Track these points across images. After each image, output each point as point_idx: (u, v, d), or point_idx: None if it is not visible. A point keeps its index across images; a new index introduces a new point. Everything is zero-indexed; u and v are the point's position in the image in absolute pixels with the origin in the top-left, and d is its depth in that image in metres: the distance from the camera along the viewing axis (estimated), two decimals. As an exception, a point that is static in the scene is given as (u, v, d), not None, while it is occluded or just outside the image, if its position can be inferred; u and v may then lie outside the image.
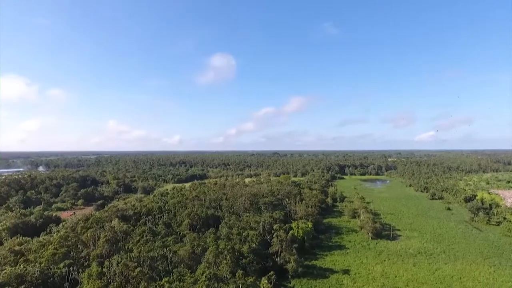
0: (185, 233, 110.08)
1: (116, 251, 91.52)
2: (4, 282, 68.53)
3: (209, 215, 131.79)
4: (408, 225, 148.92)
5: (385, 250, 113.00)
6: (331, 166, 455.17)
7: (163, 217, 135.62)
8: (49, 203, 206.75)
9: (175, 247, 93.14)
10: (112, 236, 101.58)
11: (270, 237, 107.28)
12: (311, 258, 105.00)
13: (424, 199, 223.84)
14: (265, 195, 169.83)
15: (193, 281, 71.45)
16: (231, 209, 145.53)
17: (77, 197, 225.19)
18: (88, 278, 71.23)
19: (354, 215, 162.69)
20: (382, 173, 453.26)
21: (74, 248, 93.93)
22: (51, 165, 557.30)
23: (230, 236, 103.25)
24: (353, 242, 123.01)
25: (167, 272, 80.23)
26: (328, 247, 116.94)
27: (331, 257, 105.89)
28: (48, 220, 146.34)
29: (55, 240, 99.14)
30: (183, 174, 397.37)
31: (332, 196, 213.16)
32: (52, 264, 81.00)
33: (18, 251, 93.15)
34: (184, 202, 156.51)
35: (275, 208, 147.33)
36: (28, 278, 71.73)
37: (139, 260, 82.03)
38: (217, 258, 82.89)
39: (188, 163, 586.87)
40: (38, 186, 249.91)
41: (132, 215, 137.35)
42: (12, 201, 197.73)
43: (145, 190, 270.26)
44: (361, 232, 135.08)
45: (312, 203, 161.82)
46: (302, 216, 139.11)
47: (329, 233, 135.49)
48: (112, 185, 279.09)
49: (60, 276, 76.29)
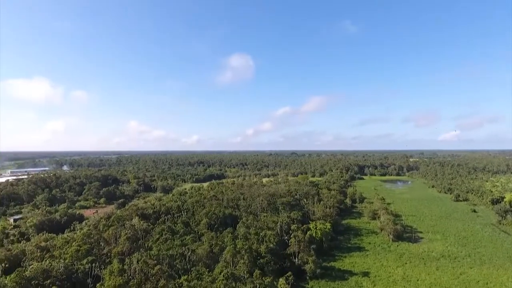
0: (203, 232, 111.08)
1: (136, 249, 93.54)
2: (32, 276, 71.34)
3: (227, 214, 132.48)
4: (430, 227, 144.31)
5: (407, 252, 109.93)
6: (350, 166, 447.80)
7: (181, 216, 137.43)
8: (73, 201, 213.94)
9: (194, 246, 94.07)
10: (133, 234, 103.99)
11: (287, 237, 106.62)
12: (329, 259, 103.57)
13: (447, 201, 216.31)
14: (282, 195, 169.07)
15: (211, 280, 71.89)
16: (249, 208, 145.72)
17: (99, 195, 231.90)
18: (109, 274, 72.97)
19: (374, 216, 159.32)
20: (403, 174, 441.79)
21: (96, 245, 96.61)
22: (74, 165, 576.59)
23: (248, 235, 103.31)
24: (373, 244, 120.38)
25: (185, 270, 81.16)
26: (347, 249, 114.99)
27: (350, 259, 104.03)
28: (72, 218, 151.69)
29: (79, 237, 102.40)
30: (201, 173, 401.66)
31: (351, 196, 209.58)
32: (75, 260, 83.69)
33: (44, 247, 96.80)
34: (202, 201, 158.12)
35: (293, 208, 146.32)
36: (54, 274, 74.36)
37: (158, 258, 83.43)
38: (234, 258, 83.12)
39: (206, 163, 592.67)
40: (63, 185, 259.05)
41: (152, 214, 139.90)
42: (39, 199, 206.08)
43: (164, 189, 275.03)
44: (381, 234, 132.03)
45: (330, 203, 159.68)
46: (320, 216, 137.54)
47: (348, 235, 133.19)
48: (133, 184, 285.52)
49: (83, 272, 78.75)
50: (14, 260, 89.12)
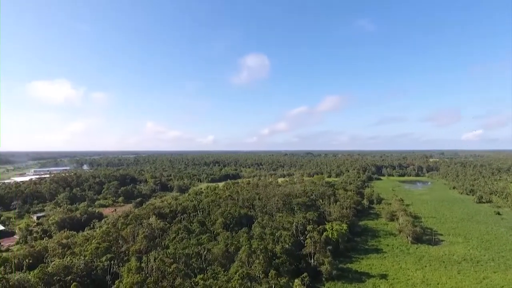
0: (219, 232, 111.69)
1: (153, 247, 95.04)
2: (54, 272, 73.77)
3: (242, 214, 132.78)
4: (451, 229, 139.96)
5: (426, 255, 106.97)
6: (367, 167, 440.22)
7: (197, 215, 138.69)
8: (92, 199, 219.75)
9: (209, 245, 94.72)
10: (150, 232, 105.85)
11: (303, 238, 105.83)
12: (346, 261, 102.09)
13: (470, 203, 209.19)
14: (298, 195, 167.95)
15: (227, 280, 72.16)
16: (264, 209, 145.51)
17: (117, 194, 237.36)
18: (127, 272, 74.51)
19: (392, 217, 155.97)
20: (423, 174, 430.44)
21: (115, 243, 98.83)
22: (94, 164, 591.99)
23: (263, 236, 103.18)
24: (391, 246, 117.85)
25: (201, 269, 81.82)
26: (364, 250, 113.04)
27: (368, 261, 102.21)
28: (91, 216, 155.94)
29: (98, 235, 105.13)
30: (217, 173, 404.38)
31: (368, 197, 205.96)
32: (95, 257, 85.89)
33: (65, 244, 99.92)
34: (218, 201, 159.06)
35: (309, 209, 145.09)
36: (74, 270, 76.59)
37: (175, 256, 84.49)
38: (250, 258, 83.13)
39: (222, 163, 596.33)
40: (83, 184, 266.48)
41: (168, 213, 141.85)
42: (60, 198, 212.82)
43: (180, 188, 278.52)
44: (399, 235, 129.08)
45: (347, 204, 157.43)
46: (336, 217, 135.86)
47: (365, 236, 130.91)
48: (150, 184, 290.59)
49: (102, 269, 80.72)
50: (37, 256, 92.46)
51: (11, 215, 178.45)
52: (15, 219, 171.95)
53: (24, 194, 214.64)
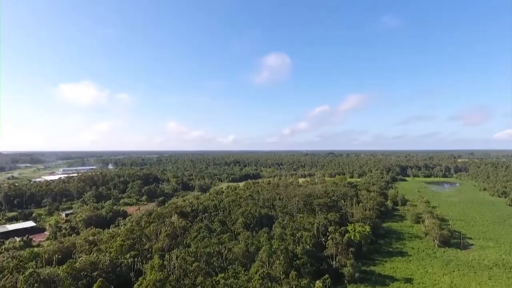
0: (239, 231, 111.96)
1: (176, 246, 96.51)
2: (81, 268, 76.58)
3: (263, 214, 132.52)
4: (482, 233, 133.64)
5: (454, 259, 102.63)
6: (391, 167, 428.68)
7: (218, 214, 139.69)
8: (117, 198, 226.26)
9: (230, 245, 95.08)
10: (172, 231, 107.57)
11: (324, 239, 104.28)
12: (369, 263, 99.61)
13: (501, 205, 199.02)
14: (319, 196, 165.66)
15: (247, 279, 72.11)
16: (285, 209, 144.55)
17: (141, 193, 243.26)
18: (151, 269, 75.96)
19: (417, 220, 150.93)
20: (451, 175, 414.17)
21: (138, 241, 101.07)
22: (119, 164, 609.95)
23: (284, 236, 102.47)
24: (416, 249, 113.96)
25: (222, 268, 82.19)
26: (388, 253, 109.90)
27: (392, 264, 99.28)
28: (116, 214, 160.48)
29: (122, 232, 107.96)
30: (237, 173, 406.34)
31: (392, 199, 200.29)
32: (120, 254, 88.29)
33: (92, 241, 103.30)
34: (238, 201, 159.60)
35: (330, 209, 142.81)
36: (100, 266, 79.09)
37: (196, 255, 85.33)
38: (270, 258, 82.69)
39: (242, 163, 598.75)
40: (108, 183, 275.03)
41: (190, 212, 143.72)
42: (87, 196, 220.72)
43: (201, 188, 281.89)
44: (425, 238, 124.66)
45: (370, 205, 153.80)
46: (359, 219, 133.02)
47: (389, 238, 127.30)
48: (172, 183, 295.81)
49: (127, 266, 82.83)
50: (65, 252, 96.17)
51: (41, 212, 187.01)
52: (46, 216, 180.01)
53: (53, 192, 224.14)
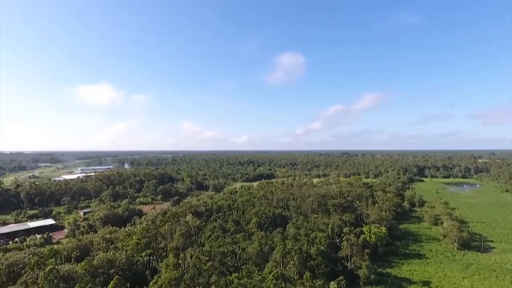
0: (253, 231, 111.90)
1: (190, 245, 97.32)
2: (98, 265, 78.22)
3: (277, 214, 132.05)
4: (504, 236, 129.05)
5: (475, 263, 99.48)
6: (408, 167, 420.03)
7: (232, 214, 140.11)
8: (133, 197, 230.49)
9: (244, 244, 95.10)
10: (187, 230, 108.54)
11: (339, 240, 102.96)
12: (385, 265, 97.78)
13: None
14: (334, 196, 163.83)
15: (261, 279, 71.89)
16: (299, 209, 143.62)
17: (156, 192, 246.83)
18: (165, 267, 76.77)
19: (435, 221, 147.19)
20: (470, 176, 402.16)
21: (154, 239, 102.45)
22: (135, 163, 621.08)
23: (298, 236, 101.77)
24: (434, 251, 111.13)
25: (236, 268, 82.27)
26: (404, 255, 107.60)
27: (408, 266, 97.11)
28: (132, 213, 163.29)
29: (138, 231, 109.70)
30: (251, 173, 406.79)
31: (409, 200, 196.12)
32: (135, 252, 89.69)
33: (109, 239, 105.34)
34: (252, 200, 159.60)
35: (345, 210, 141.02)
36: (117, 264, 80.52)
37: (210, 254, 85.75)
38: (284, 258, 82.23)
39: (256, 163, 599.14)
40: (125, 182, 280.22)
41: (204, 211, 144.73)
42: (104, 195, 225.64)
43: (215, 188, 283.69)
44: (444, 241, 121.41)
45: (386, 206, 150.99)
46: (374, 220, 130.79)
47: (406, 240, 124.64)
48: (186, 183, 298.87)
49: (142, 264, 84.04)
50: (83, 249, 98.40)
51: (61, 210, 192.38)
52: (65, 214, 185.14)
53: (72, 191, 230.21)
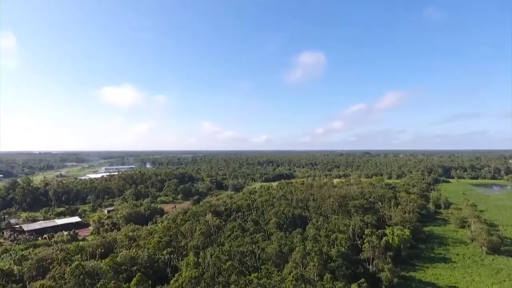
0: (272, 232, 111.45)
1: (210, 244, 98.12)
2: (122, 262, 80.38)
3: (296, 215, 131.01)
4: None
5: (505, 268, 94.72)
6: (433, 168, 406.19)
7: (251, 214, 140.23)
8: (155, 196, 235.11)
9: (263, 244, 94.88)
10: (206, 229, 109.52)
11: (360, 242, 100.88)
12: (408, 268, 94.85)
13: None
14: (355, 197, 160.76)
15: (280, 280, 71.36)
16: (319, 210, 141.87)
17: (177, 192, 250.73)
18: (186, 266, 77.81)
19: (462, 224, 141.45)
20: (501, 177, 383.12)
21: (174, 238, 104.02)
22: (156, 163, 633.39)
23: (318, 237, 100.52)
24: (461, 255, 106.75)
25: (255, 268, 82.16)
26: (429, 259, 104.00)
27: (433, 270, 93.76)
28: (154, 212, 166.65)
29: (160, 229, 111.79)
30: (270, 173, 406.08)
31: (434, 201, 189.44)
32: (157, 250, 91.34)
33: (131, 237, 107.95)
34: (272, 201, 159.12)
35: (366, 211, 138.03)
36: (139, 261, 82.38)
37: (230, 253, 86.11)
38: (304, 259, 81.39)
39: (275, 163, 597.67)
40: (147, 181, 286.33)
41: (224, 211, 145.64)
42: (127, 194, 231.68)
43: (235, 187, 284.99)
44: (472, 244, 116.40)
45: (409, 208, 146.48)
46: (397, 222, 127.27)
47: (431, 243, 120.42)
48: (206, 182, 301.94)
49: (163, 262, 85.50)
50: (107, 246, 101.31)
51: (86, 208, 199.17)
52: (90, 212, 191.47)
53: (97, 189, 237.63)
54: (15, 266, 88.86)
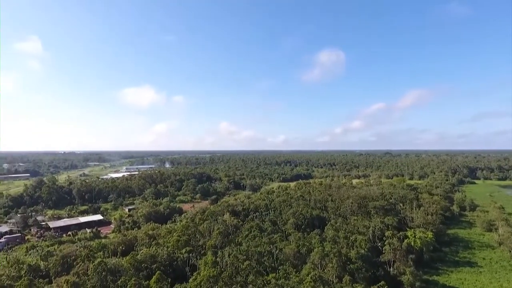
0: (290, 232, 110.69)
1: (227, 243, 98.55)
2: (142, 259, 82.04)
3: (314, 215, 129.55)
4: None
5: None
6: (457, 168, 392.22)
7: (269, 214, 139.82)
8: (173, 195, 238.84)
9: (281, 245, 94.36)
10: (224, 229, 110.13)
11: (381, 244, 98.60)
12: (431, 272, 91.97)
13: None
14: (375, 198, 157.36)
15: (298, 281, 70.73)
16: (337, 211, 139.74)
17: (195, 191, 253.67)
18: (204, 265, 78.40)
19: (489, 227, 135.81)
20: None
21: (193, 237, 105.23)
22: (175, 163, 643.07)
23: (336, 239, 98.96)
24: (488, 259, 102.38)
25: (273, 268, 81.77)
26: (453, 263, 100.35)
27: (458, 275, 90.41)
28: (173, 211, 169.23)
29: (179, 228, 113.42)
30: (288, 173, 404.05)
31: (459, 203, 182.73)
32: (176, 249, 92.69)
33: (151, 235, 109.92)
34: (289, 201, 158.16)
35: (387, 213, 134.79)
36: (159, 259, 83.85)
37: (247, 253, 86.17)
38: (322, 261, 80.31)
39: (293, 163, 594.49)
40: (166, 181, 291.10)
41: (241, 211, 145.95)
42: (147, 193, 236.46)
43: (252, 187, 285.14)
44: (499, 249, 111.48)
45: (432, 210, 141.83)
46: (419, 224, 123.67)
47: (455, 247, 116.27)
48: (224, 182, 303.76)
49: (182, 261, 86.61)
50: (128, 244, 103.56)
51: (108, 206, 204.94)
52: (111, 210, 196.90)
53: (118, 188, 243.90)
54: (42, 261, 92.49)
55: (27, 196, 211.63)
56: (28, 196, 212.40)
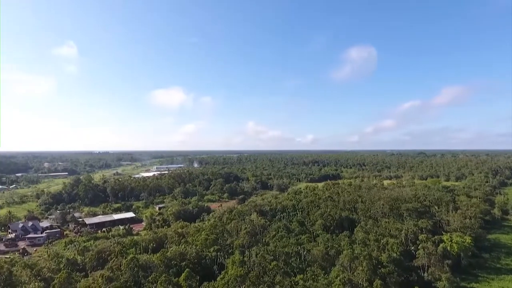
0: (318, 233, 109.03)
1: (255, 243, 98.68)
2: (171, 257, 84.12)
3: (343, 217, 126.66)
4: None
5: None
6: (499, 169, 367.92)
7: (296, 215, 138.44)
8: (202, 194, 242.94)
9: (309, 246, 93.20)
10: (251, 228, 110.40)
11: (414, 248, 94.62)
12: (469, 279, 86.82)
13: None
14: (408, 200, 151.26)
15: (327, 283, 69.42)
16: (368, 213, 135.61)
17: (223, 191, 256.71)
18: (232, 264, 78.97)
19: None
20: None
21: (221, 236, 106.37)
22: (203, 162, 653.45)
23: (367, 241, 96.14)
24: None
25: (300, 269, 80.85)
26: (495, 269, 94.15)
27: (500, 283, 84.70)
28: (201, 210, 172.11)
29: (207, 227, 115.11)
30: (316, 173, 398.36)
31: (501, 206, 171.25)
32: (204, 247, 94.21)
33: (180, 233, 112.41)
34: (317, 202, 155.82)
35: (421, 216, 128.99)
36: (187, 257, 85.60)
37: (275, 254, 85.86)
38: (352, 263, 78.37)
39: (321, 163, 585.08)
40: (194, 180, 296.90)
41: (269, 211, 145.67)
42: (176, 192, 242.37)
43: (280, 187, 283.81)
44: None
45: (471, 213, 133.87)
46: (456, 228, 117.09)
47: (497, 252, 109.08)
48: (251, 182, 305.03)
49: (210, 259, 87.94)
50: (158, 241, 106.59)
51: (139, 204, 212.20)
52: (143, 208, 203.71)
53: (149, 187, 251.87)
54: (79, 256, 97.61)
55: (65, 194, 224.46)
56: (66, 193, 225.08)
